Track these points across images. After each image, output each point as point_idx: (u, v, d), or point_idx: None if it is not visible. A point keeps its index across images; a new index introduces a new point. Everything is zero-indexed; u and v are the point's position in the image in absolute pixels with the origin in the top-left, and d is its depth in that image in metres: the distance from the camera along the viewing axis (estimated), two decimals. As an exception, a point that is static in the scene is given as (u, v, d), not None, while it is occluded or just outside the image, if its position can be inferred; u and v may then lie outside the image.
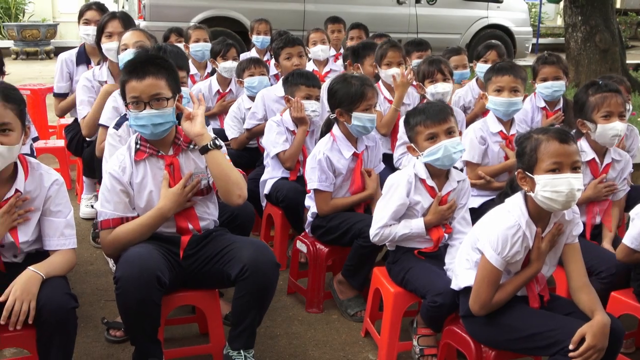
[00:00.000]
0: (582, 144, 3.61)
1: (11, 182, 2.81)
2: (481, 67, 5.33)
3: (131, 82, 3.00)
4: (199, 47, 5.91)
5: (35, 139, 3.90)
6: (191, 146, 3.15)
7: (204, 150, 3.04)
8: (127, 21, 4.78)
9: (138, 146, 3.10)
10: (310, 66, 6.10)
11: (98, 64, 4.94)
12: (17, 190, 2.81)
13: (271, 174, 4.36)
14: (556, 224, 2.76)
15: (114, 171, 3.06)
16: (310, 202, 3.91)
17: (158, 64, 3.06)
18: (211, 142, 3.03)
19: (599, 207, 3.69)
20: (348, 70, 5.36)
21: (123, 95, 3.09)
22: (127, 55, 4.06)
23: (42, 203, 2.88)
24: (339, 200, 3.83)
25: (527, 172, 2.67)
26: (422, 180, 3.36)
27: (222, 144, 3.10)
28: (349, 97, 3.78)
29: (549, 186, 2.60)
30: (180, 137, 3.14)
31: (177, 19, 9.85)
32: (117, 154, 3.16)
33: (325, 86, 4.35)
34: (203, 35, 6.04)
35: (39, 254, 2.89)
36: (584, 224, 3.36)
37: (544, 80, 4.64)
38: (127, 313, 2.93)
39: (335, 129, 3.88)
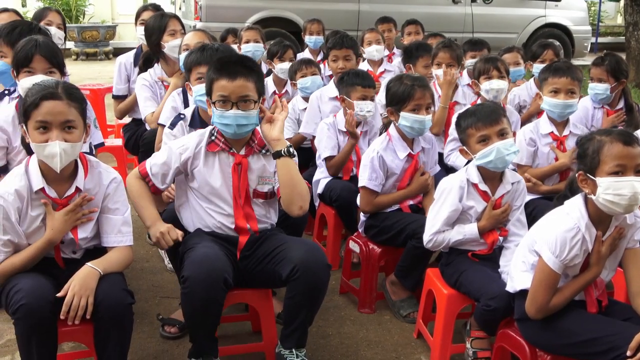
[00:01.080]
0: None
1: (72, 179, 2.87)
2: (538, 67, 5.26)
3: (221, 81, 3.04)
4: (249, 48, 5.93)
5: (99, 145, 3.97)
6: (263, 150, 3.19)
7: (277, 155, 3.08)
8: (181, 21, 4.85)
9: (213, 138, 3.15)
10: (364, 66, 6.09)
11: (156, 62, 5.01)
12: (77, 188, 2.87)
13: (324, 174, 4.37)
14: (617, 228, 2.70)
15: (179, 147, 3.16)
16: (361, 202, 3.90)
17: (249, 66, 3.11)
18: (285, 149, 3.07)
19: None
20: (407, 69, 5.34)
21: (209, 91, 3.13)
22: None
23: (100, 201, 2.94)
24: (382, 198, 3.81)
25: (588, 174, 2.61)
26: (475, 185, 3.31)
27: (296, 153, 3.13)
28: (397, 96, 3.78)
29: (612, 189, 2.54)
30: (256, 140, 3.18)
31: (232, 20, 9.96)
32: (187, 136, 3.26)
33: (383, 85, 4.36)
34: (254, 36, 6.04)
35: (97, 250, 2.94)
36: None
37: (600, 81, 4.58)
38: (191, 312, 2.97)
39: (392, 128, 3.86)
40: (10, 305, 2.62)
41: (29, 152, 2.91)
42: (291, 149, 3.09)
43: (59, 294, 2.64)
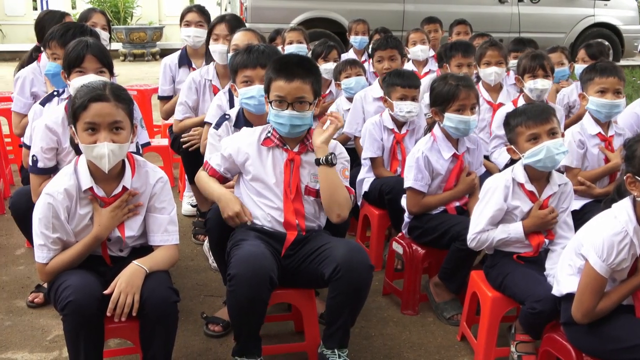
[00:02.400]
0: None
1: (119, 179, 2.92)
2: (579, 68, 5.28)
3: (279, 82, 3.09)
4: (292, 49, 5.93)
5: (146, 145, 4.03)
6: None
7: (317, 162, 3.12)
8: (234, 24, 4.85)
9: (268, 134, 3.20)
10: (409, 66, 6.07)
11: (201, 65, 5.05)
12: (124, 187, 2.92)
13: (368, 174, 4.37)
14: (667, 232, 2.65)
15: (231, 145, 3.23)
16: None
17: (307, 68, 3.14)
18: (323, 158, 3.10)
19: None
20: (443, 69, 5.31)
21: (267, 89, 3.18)
22: None
23: (147, 200, 2.98)
24: (429, 199, 3.79)
25: (637, 177, 2.57)
26: (521, 185, 3.28)
27: (337, 162, 3.15)
28: (441, 96, 3.76)
29: None
30: (310, 138, 3.20)
31: (277, 21, 10.02)
32: (243, 131, 3.34)
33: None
34: (298, 37, 6.02)
35: (143, 249, 2.99)
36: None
37: None
38: (236, 310, 3.00)
39: (436, 128, 3.84)
40: (58, 301, 2.67)
41: (78, 153, 2.97)
42: (331, 158, 3.10)
43: (106, 291, 2.68)
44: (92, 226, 2.89)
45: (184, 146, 4.57)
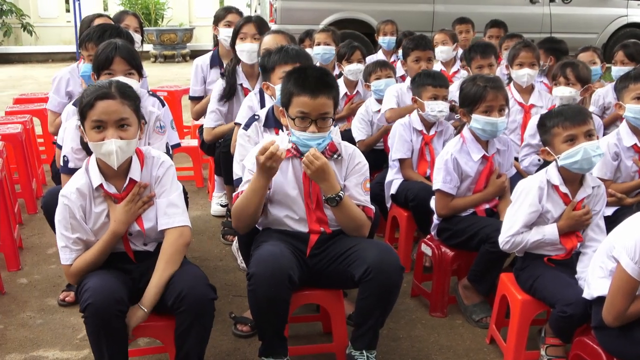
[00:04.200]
0: None
1: (126, 173, 2.94)
2: (615, 71, 5.27)
3: (302, 97, 3.01)
4: (318, 50, 5.92)
5: (176, 146, 4.05)
6: (335, 155, 3.19)
7: (326, 201, 3.09)
8: (261, 25, 4.87)
9: (294, 139, 3.15)
10: (437, 67, 6.05)
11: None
12: (131, 180, 2.93)
13: (397, 175, 4.36)
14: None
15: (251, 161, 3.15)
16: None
17: (328, 82, 3.09)
18: (332, 197, 3.04)
19: None
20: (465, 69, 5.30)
21: (286, 103, 3.11)
22: None
23: (154, 188, 3.00)
24: (458, 201, 3.78)
25: None
26: (555, 187, 3.25)
27: (342, 197, 3.07)
28: (469, 97, 3.75)
29: None
30: (327, 146, 3.17)
31: (307, 22, 10.04)
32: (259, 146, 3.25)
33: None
34: (325, 39, 6.01)
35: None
36: None
37: None
38: (257, 309, 3.01)
39: (465, 130, 3.83)
40: (80, 303, 2.70)
41: (88, 152, 3.00)
42: (338, 197, 3.04)
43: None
44: (108, 224, 2.92)
45: None
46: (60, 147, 3.69)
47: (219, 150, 4.70)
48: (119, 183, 2.93)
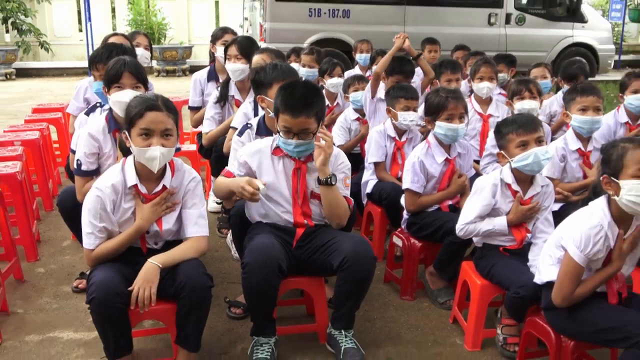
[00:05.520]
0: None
1: (160, 179, 2.93)
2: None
3: (285, 116, 3.04)
4: (302, 73, 5.85)
5: (177, 150, 4.02)
6: None
7: (319, 182, 3.10)
8: (244, 47, 4.81)
9: (277, 145, 3.17)
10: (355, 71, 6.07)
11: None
12: (164, 186, 2.93)
13: (372, 176, 4.36)
14: (638, 227, 2.63)
15: (246, 153, 3.22)
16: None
17: (311, 101, 3.07)
18: (324, 180, 3.08)
19: None
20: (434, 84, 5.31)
21: (276, 115, 3.12)
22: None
23: (182, 197, 2.99)
24: (424, 198, 3.78)
25: (612, 178, 2.56)
26: (508, 185, 3.28)
27: (336, 181, 3.11)
28: (433, 107, 3.76)
29: (634, 190, 2.49)
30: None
31: (293, 41, 10.05)
32: (257, 142, 3.29)
33: None
34: (310, 62, 5.92)
35: (175, 243, 2.98)
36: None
37: (635, 92, 4.40)
38: (250, 294, 3.01)
39: (430, 136, 3.84)
40: (87, 296, 2.69)
41: (126, 155, 2.98)
42: (330, 179, 3.08)
43: (129, 288, 2.70)
44: (134, 219, 2.90)
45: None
46: (74, 153, 3.67)
47: (214, 155, 4.70)
48: (149, 185, 2.92)
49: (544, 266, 2.82)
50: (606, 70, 13.06)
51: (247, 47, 4.80)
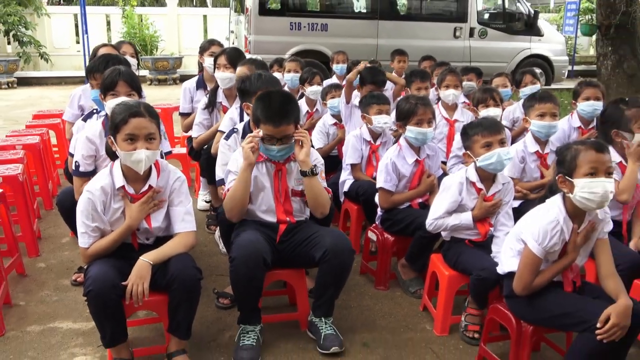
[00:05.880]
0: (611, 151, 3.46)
1: (146, 179, 2.90)
2: (524, 91, 5.32)
3: (268, 126, 3.02)
4: (289, 77, 5.88)
5: (168, 153, 3.99)
6: None
7: (303, 174, 3.09)
8: (232, 57, 4.77)
9: (261, 150, 3.13)
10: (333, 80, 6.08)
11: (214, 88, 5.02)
12: (150, 186, 2.90)
13: (349, 177, 4.35)
14: (590, 222, 2.66)
15: (237, 164, 3.14)
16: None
17: (288, 110, 3.07)
18: (309, 170, 3.07)
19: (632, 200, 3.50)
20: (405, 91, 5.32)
21: (256, 124, 3.09)
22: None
23: (168, 195, 2.96)
24: (396, 196, 3.79)
25: (567, 177, 2.58)
26: (473, 183, 3.29)
27: (319, 171, 3.12)
28: (404, 112, 3.78)
29: (587, 188, 2.51)
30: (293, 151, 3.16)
31: (275, 52, 10.04)
32: (238, 153, 3.23)
33: None
34: (294, 67, 5.92)
35: (165, 239, 2.95)
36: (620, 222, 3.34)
37: (587, 99, 4.44)
38: (237, 286, 3.00)
39: (402, 139, 3.85)
40: (83, 289, 2.66)
41: (113, 159, 2.95)
42: (314, 169, 3.08)
43: (123, 283, 2.67)
44: (124, 218, 2.87)
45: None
46: (72, 155, 3.63)
47: (203, 157, 4.67)
48: (136, 186, 2.88)
49: (506, 258, 2.84)
50: (560, 79, 13.19)
51: (235, 57, 4.78)
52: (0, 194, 3.91)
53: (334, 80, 6.83)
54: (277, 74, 5.54)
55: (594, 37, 12.93)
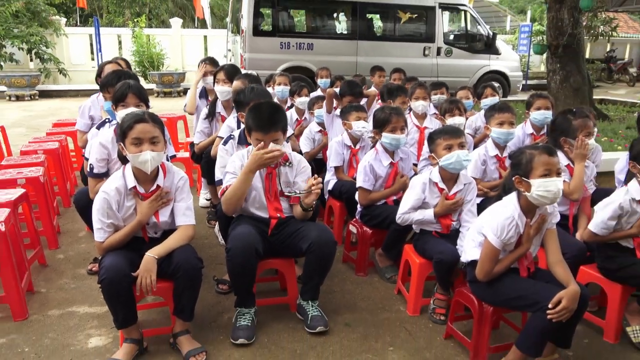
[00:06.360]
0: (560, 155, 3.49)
1: (154, 180, 2.89)
2: (484, 102, 5.37)
3: (258, 133, 3.01)
4: (279, 89, 5.87)
5: (173, 157, 3.96)
6: (287, 164, 3.18)
7: (302, 208, 3.08)
8: (230, 73, 4.77)
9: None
10: (363, 100, 6.05)
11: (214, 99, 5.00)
12: (157, 186, 2.88)
13: (333, 177, 4.35)
14: (541, 216, 2.68)
15: (234, 166, 3.13)
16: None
17: (276, 118, 3.05)
18: (308, 207, 3.06)
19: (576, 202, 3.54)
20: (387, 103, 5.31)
21: (249, 132, 3.08)
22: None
23: (173, 193, 2.94)
24: (374, 194, 3.79)
25: (523, 178, 2.60)
26: (435, 183, 3.31)
27: (311, 209, 3.09)
28: (380, 121, 3.78)
29: (542, 187, 2.53)
30: (282, 157, 3.13)
31: (267, 68, 10.05)
32: (235, 156, 3.21)
33: None
34: (284, 80, 5.90)
35: (172, 232, 2.93)
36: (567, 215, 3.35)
37: (538, 109, 4.48)
38: (233, 273, 2.98)
39: (378, 144, 3.86)
40: (98, 277, 2.64)
41: (124, 162, 2.92)
42: (311, 207, 3.07)
43: (134, 274, 2.65)
44: (135, 215, 2.85)
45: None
46: (87, 159, 3.60)
47: (204, 160, 4.65)
48: (146, 186, 2.86)
49: (469, 248, 2.85)
50: (516, 92, 13.28)
51: (232, 73, 4.79)
52: (24, 194, 3.87)
53: (319, 92, 6.83)
54: (269, 89, 5.54)
55: (545, 55, 13.02)
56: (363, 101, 5.30)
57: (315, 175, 3.08)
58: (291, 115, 5.57)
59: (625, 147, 6.21)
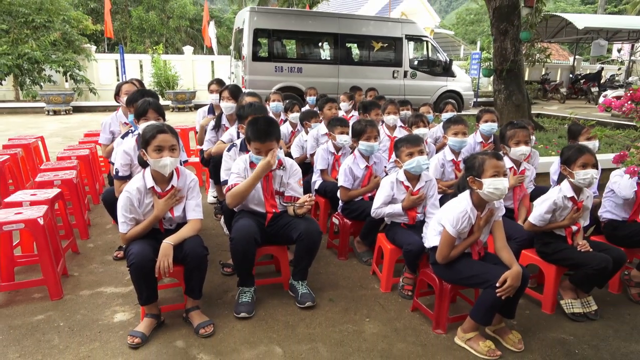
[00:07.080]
0: (505, 159, 3.52)
1: (169, 181, 2.85)
2: (444, 116, 5.37)
3: (256, 143, 2.99)
4: (273, 105, 5.82)
5: (185, 161, 3.91)
6: (281, 167, 3.15)
7: (295, 215, 3.05)
8: (233, 91, 4.74)
9: (252, 160, 3.10)
10: (341, 113, 6.04)
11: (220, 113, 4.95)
12: (172, 186, 2.84)
13: (319, 178, 4.32)
14: (490, 209, 2.69)
15: (239, 167, 3.10)
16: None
17: (271, 130, 3.02)
18: (302, 214, 3.04)
19: (519, 194, 3.57)
20: (362, 116, 5.30)
21: (248, 141, 3.05)
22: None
23: (185, 192, 2.91)
24: (352, 192, 3.78)
25: (476, 178, 2.60)
26: (401, 182, 3.31)
27: (301, 214, 3.06)
28: (357, 131, 3.77)
29: (492, 185, 2.55)
30: (277, 162, 3.11)
31: (264, 88, 9.98)
32: (239, 160, 3.17)
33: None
34: (277, 97, 5.83)
35: (183, 224, 2.90)
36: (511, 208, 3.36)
37: (486, 122, 4.51)
38: (236, 258, 2.95)
39: (356, 150, 3.84)
40: (127, 261, 2.61)
41: (144, 166, 2.88)
42: (304, 215, 3.05)
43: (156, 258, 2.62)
44: (153, 210, 2.81)
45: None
46: (112, 164, 3.54)
47: (211, 164, 4.59)
48: (162, 186, 2.83)
49: (430, 236, 2.86)
50: (468, 107, 13.34)
51: (235, 92, 4.76)
52: (59, 193, 3.81)
53: (307, 108, 6.80)
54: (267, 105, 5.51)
55: (491, 77, 13.12)
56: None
57: (310, 194, 3.07)
58: (287, 128, 5.54)
59: (557, 152, 6.27)
